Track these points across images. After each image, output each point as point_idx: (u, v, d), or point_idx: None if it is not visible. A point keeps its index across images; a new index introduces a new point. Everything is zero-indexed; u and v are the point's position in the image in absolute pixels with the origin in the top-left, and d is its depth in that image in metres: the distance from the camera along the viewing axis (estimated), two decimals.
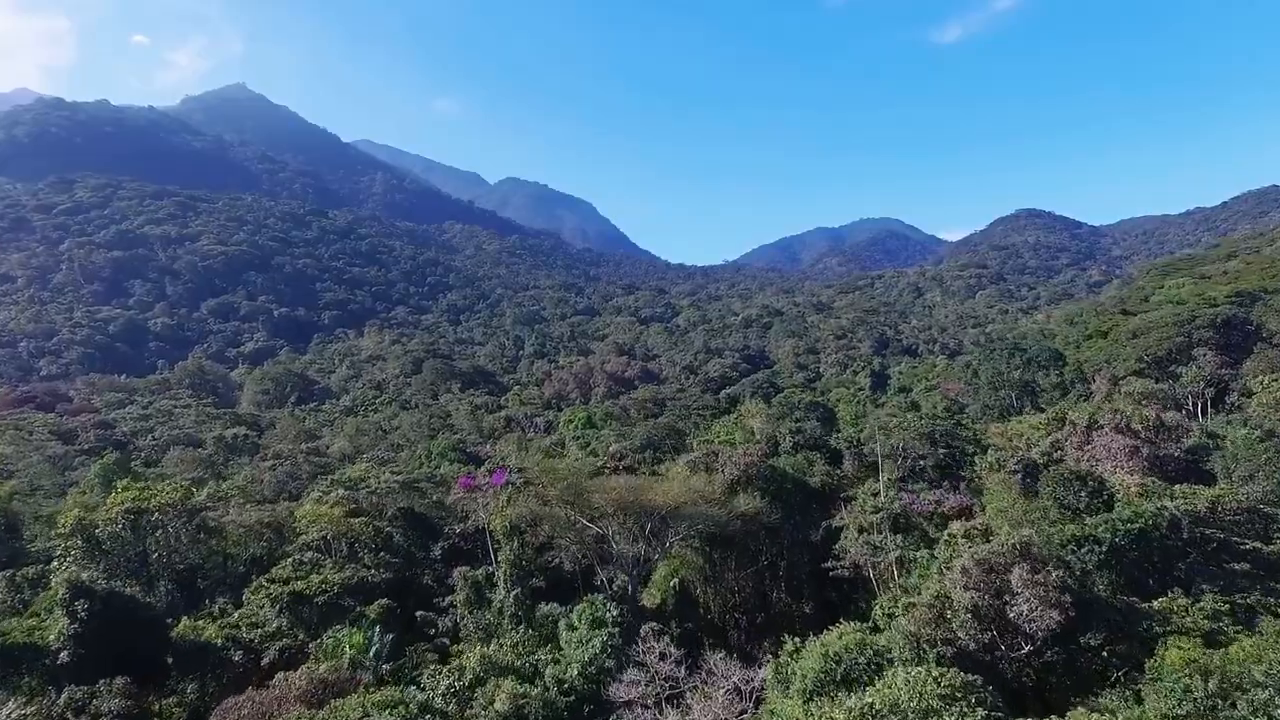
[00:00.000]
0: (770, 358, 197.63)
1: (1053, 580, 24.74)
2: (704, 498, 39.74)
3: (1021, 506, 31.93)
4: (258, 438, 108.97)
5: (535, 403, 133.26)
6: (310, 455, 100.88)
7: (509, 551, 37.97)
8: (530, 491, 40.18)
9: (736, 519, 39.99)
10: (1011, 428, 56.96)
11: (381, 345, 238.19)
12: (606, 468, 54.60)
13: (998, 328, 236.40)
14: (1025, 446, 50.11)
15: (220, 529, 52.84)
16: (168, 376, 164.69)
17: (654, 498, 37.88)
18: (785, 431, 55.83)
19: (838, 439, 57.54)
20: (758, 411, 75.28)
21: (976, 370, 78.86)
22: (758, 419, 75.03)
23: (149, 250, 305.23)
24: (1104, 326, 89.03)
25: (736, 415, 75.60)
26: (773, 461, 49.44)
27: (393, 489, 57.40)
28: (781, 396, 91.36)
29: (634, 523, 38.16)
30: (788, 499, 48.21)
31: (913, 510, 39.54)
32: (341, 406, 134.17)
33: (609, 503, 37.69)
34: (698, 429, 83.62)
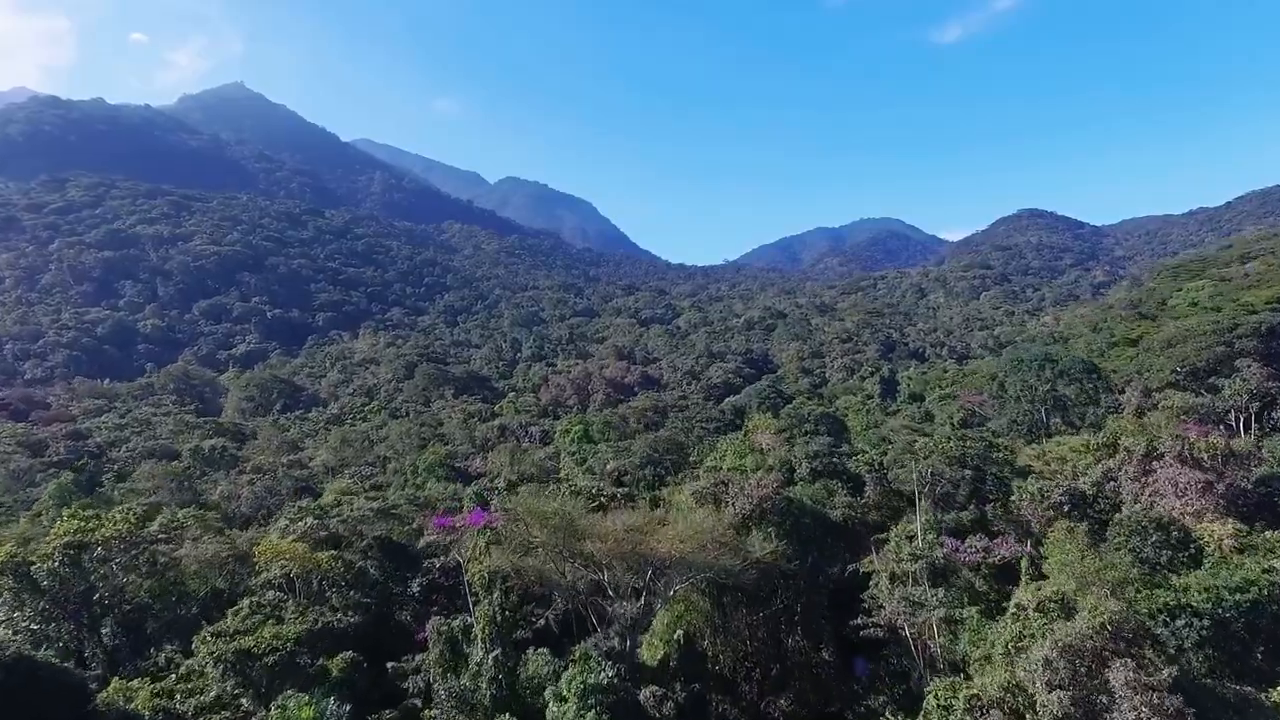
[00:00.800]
0: (774, 361, 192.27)
1: (1163, 681, 19.50)
2: (714, 540, 34.44)
3: (1093, 563, 26.75)
4: (237, 449, 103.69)
5: (531, 411, 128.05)
6: (292, 468, 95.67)
7: (488, 607, 32.73)
8: (514, 534, 34.92)
9: (751, 568, 34.74)
10: (1050, 450, 51.68)
11: (376, 348, 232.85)
12: (603, 494, 49.25)
13: (1005, 330, 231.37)
14: (1072, 474, 44.83)
15: (175, 563, 47.54)
16: (151, 381, 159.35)
17: (656, 545, 32.62)
18: (801, 456, 50.54)
19: (858, 462, 52.18)
20: (766, 426, 70.01)
21: (1003, 382, 73.60)
22: (767, 434, 69.76)
23: (140, 250, 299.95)
24: (1132, 333, 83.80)
25: (744, 431, 70.25)
26: (789, 492, 44.11)
27: (367, 517, 52.05)
28: (790, 408, 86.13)
29: (633, 574, 33.01)
30: (806, 534, 42.95)
31: (957, 560, 34.26)
32: (328, 415, 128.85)
33: (604, 553, 32.45)
34: (701, 443, 78.34)
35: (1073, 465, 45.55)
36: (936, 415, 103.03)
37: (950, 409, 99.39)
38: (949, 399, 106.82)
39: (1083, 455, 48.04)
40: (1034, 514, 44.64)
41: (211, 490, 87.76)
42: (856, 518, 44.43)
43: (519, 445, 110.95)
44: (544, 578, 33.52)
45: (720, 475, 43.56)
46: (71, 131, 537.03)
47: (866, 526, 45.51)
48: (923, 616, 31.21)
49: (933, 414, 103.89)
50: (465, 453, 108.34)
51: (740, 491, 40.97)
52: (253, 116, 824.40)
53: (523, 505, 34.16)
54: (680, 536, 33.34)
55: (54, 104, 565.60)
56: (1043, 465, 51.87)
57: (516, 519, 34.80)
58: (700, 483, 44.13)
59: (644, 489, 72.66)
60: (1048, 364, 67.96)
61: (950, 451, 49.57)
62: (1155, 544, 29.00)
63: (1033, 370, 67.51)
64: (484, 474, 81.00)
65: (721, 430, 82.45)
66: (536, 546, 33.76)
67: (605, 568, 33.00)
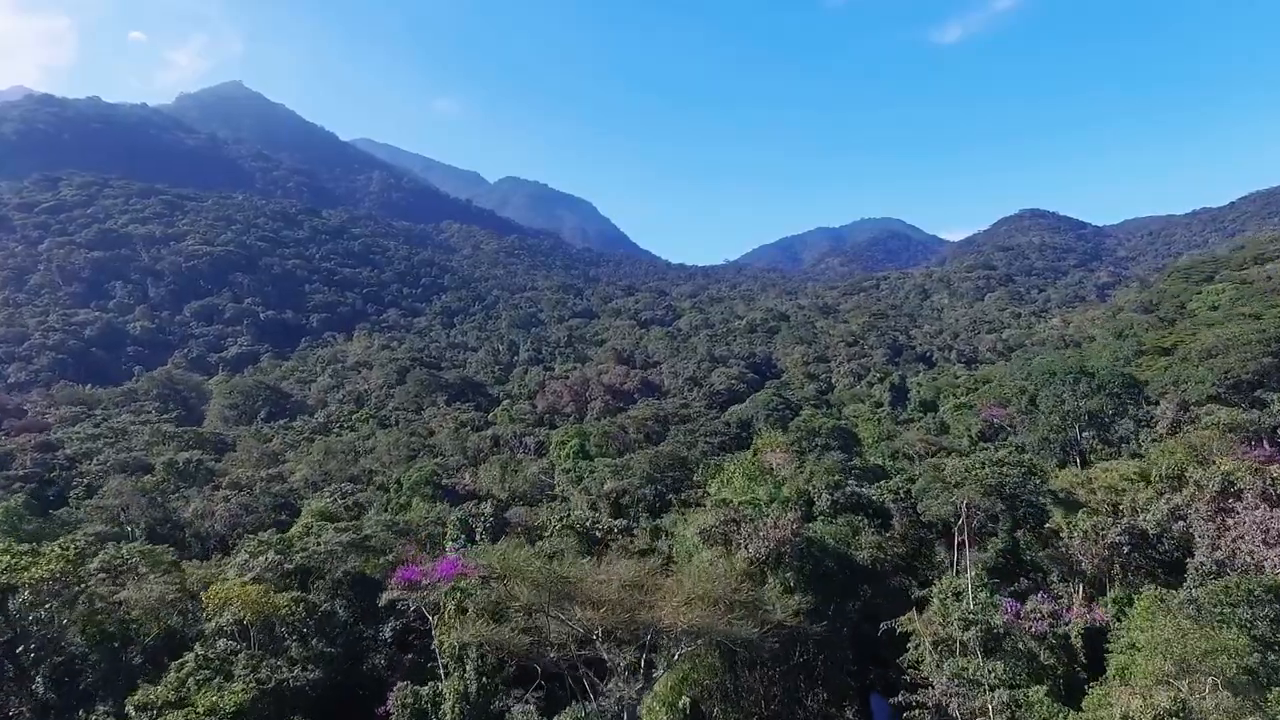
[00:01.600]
0: (777, 365, 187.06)
1: None
2: (725, 598, 29.18)
3: (1198, 643, 21.54)
4: (216, 461, 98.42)
5: (526, 419, 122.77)
6: (272, 483, 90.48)
7: (458, 682, 27.51)
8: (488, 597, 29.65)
9: (770, 633, 29.50)
10: (1098, 477, 46.33)
11: (370, 350, 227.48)
12: (598, 528, 43.92)
13: (1013, 333, 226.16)
14: (1130, 510, 39.54)
15: (114, 608, 42.26)
16: (134, 387, 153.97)
17: (658, 612, 27.37)
18: (821, 486, 45.25)
19: (881, 490, 46.86)
20: (776, 444, 64.78)
21: (1034, 396, 68.30)
22: (777, 453, 64.53)
23: (132, 250, 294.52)
24: (1164, 341, 78.48)
25: (753, 449, 64.97)
26: (809, 529, 38.81)
27: (335, 551, 46.75)
28: (800, 421, 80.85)
29: (632, 642, 27.84)
30: (828, 579, 37.69)
31: (1019, 628, 28.98)
32: (314, 424, 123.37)
33: (596, 620, 27.21)
34: (706, 461, 73.04)
35: (1131, 499, 40.22)
36: (952, 426, 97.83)
37: (967, 419, 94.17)
38: (965, 409, 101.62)
39: (1137, 485, 42.73)
40: (1086, 554, 39.40)
41: (184, 508, 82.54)
42: (885, 559, 39.11)
43: (512, 457, 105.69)
44: (524, 649, 28.25)
45: (730, 511, 38.30)
46: (66, 130, 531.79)
47: (895, 568, 40.20)
48: (980, 700, 25.95)
49: (948, 425, 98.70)
50: (456, 464, 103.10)
51: (754, 532, 35.67)
52: (251, 116, 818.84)
53: (501, 562, 28.93)
54: (687, 596, 28.07)
55: (48, 102, 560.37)
56: (1088, 494, 46.55)
57: (494, 575, 29.50)
58: (709, 519, 38.80)
59: (644, 511, 67.49)
60: (1083, 377, 62.67)
61: (985, 479, 44.26)
62: (1270, 618, 23.78)
63: (1067, 384, 62.22)
64: (474, 493, 75.70)
65: (727, 445, 77.17)
66: (517, 611, 28.54)
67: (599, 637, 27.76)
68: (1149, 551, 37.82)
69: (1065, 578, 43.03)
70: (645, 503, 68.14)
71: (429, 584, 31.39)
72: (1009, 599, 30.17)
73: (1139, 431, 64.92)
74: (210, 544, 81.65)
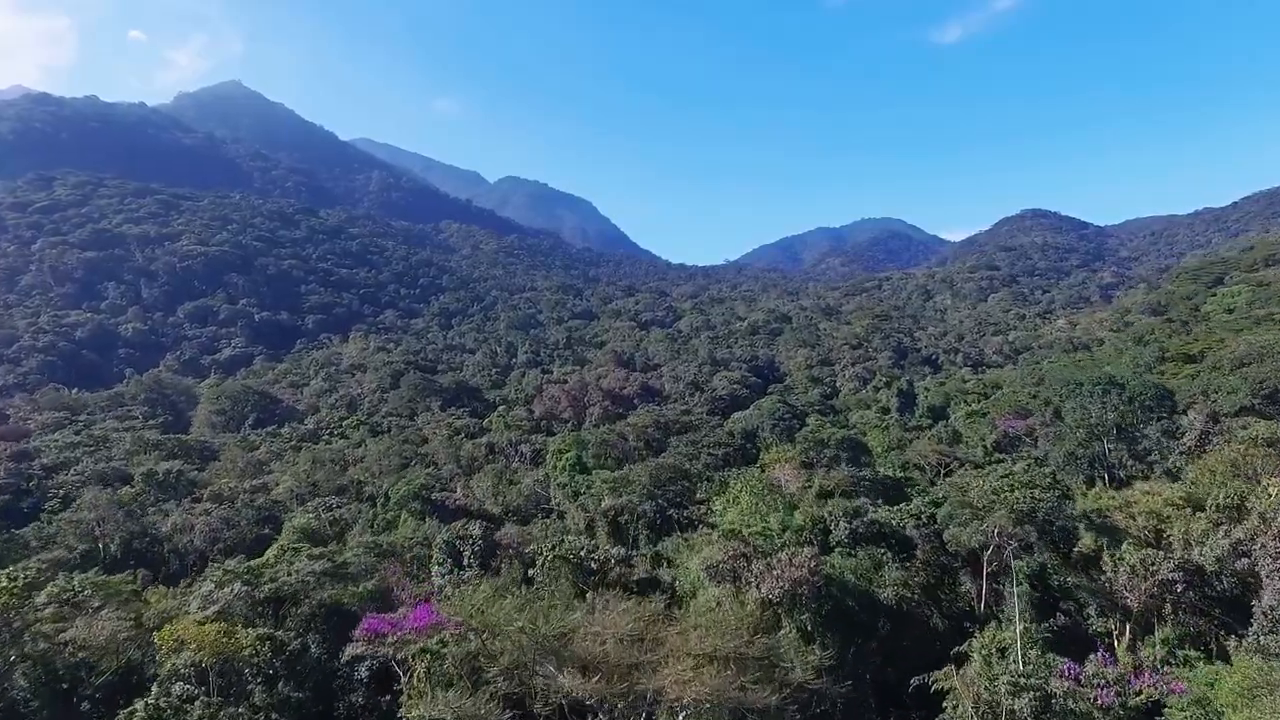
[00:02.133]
0: (780, 368, 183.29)
1: None
2: (736, 655, 25.45)
3: None
4: (199, 470, 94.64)
5: (523, 426, 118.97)
6: (256, 495, 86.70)
7: None
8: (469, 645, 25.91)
9: (789, 697, 25.74)
10: (1139, 501, 42.57)
11: (365, 353, 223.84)
12: (593, 558, 40.12)
13: (1020, 336, 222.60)
14: (1181, 541, 35.76)
15: (58, 649, 38.53)
16: (122, 391, 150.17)
17: (660, 674, 23.65)
18: (838, 514, 41.43)
19: (902, 515, 43.09)
20: (785, 458, 61.05)
21: (1059, 408, 64.55)
22: (787, 468, 60.81)
23: (125, 250, 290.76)
24: (1190, 348, 74.72)
25: (760, 465, 61.22)
26: (827, 564, 35.04)
27: (307, 582, 42.98)
28: (807, 431, 77.09)
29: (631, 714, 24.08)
30: (849, 620, 33.93)
31: (1080, 695, 25.19)
32: (303, 431, 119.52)
33: (589, 690, 23.49)
34: (710, 476, 69.26)
35: (1182, 530, 36.41)
36: (965, 435, 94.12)
37: (981, 429, 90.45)
38: (978, 417, 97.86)
39: (1184, 512, 38.95)
40: (1134, 590, 35.63)
41: (163, 522, 78.81)
42: (911, 599, 35.35)
43: (507, 466, 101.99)
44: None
45: (739, 545, 34.57)
46: (63, 129, 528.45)
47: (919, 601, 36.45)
48: None
49: (961, 434, 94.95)
50: (449, 474, 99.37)
51: (767, 570, 31.88)
52: (250, 115, 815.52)
53: (479, 618, 25.21)
54: (694, 656, 24.32)
55: (45, 101, 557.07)
56: (1127, 519, 42.79)
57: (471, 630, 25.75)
58: (715, 553, 35.01)
59: (644, 529, 63.82)
60: (1114, 389, 58.91)
61: (1017, 504, 40.50)
62: None
63: (1095, 395, 58.50)
64: (465, 508, 71.90)
65: (731, 458, 73.46)
66: (498, 675, 24.83)
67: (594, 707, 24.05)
68: (1204, 589, 34.11)
69: (1104, 611, 39.32)
70: (646, 519, 64.40)
71: (398, 638, 27.65)
72: (1067, 661, 26.40)
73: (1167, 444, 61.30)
74: (189, 560, 77.94)
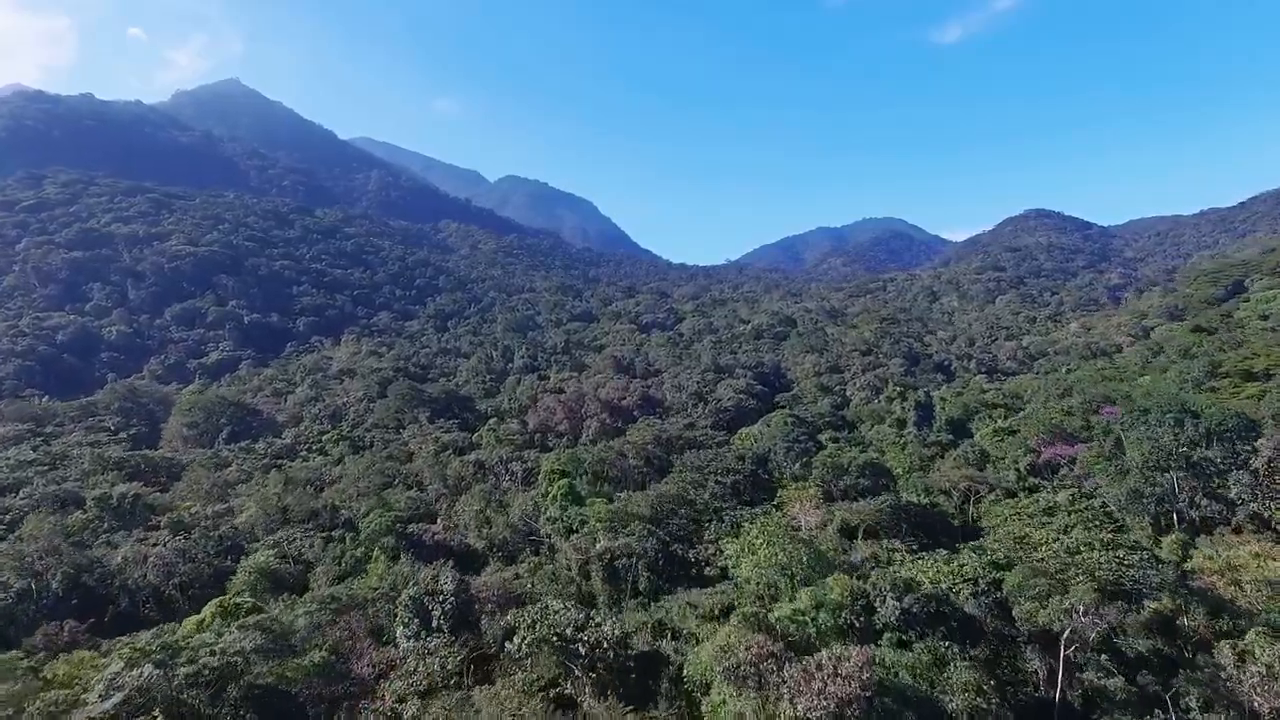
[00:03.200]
0: (787, 375, 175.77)
1: None
2: None
3: None
4: (161, 492, 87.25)
5: (515, 440, 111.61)
6: (219, 520, 79.36)
7: None
8: None
9: None
10: (1245, 565, 35.06)
11: (356, 357, 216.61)
12: (580, 639, 32.64)
13: (1034, 341, 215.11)
14: None
15: None
16: (94, 400, 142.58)
17: None
18: (883, 587, 33.92)
19: (955, 579, 35.56)
20: (804, 495, 53.62)
21: (1120, 438, 57.05)
22: (806, 506, 53.35)
23: (113, 250, 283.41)
24: (1252, 364, 67.17)
25: (777, 501, 53.78)
26: (877, 660, 27.57)
27: (235, 663, 35.54)
28: (824, 456, 69.63)
29: None
30: None
31: None
32: (280, 446, 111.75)
33: None
34: (718, 509, 61.77)
35: None
36: (993, 456, 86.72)
37: (1013, 451, 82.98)
38: (1006, 435, 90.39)
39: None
40: (1265, 694, 28.16)
41: (113, 554, 71.49)
42: (987, 710, 27.87)
43: (496, 486, 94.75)
44: None
45: (765, 640, 27.19)
46: (56, 127, 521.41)
47: (999, 712, 28.96)
48: None
49: (988, 454, 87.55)
50: (435, 494, 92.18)
51: (804, 678, 24.43)
52: (248, 113, 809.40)
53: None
54: None
55: (39, 99, 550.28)
56: (1230, 587, 35.28)
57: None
58: (735, 646, 27.55)
59: (645, 570, 56.36)
60: (1188, 418, 51.37)
61: (1097, 569, 33.06)
62: None
63: (1166, 426, 50.95)
64: (444, 544, 64.46)
65: (741, 486, 65.99)
66: None
67: None
68: None
69: (1212, 705, 31.85)
70: (647, 560, 57.00)
71: None
72: None
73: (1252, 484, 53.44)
74: (141, 597, 70.65)
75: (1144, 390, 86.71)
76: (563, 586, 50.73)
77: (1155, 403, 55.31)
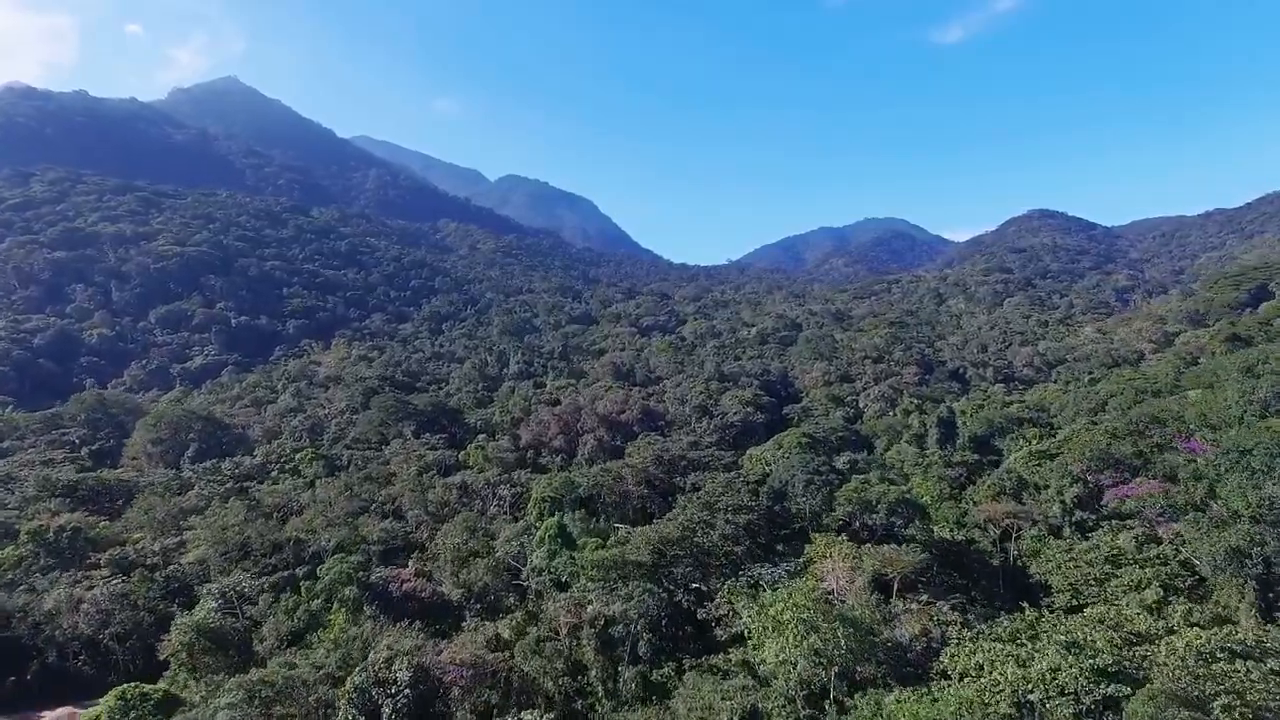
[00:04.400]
0: (795, 384, 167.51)
1: None
2: None
3: None
4: (110, 521, 79.02)
5: (505, 457, 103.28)
6: (170, 556, 71.10)
7: None
8: None
9: None
10: None
11: (345, 362, 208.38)
12: None
13: (1050, 347, 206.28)
14: None
15: None
16: (60, 411, 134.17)
17: None
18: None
19: (1053, 701, 27.27)
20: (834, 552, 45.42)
21: (1214, 484, 48.83)
22: (839, 564, 45.13)
23: (98, 250, 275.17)
24: None
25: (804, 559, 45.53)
26: None
27: None
28: (849, 491, 61.34)
29: None
30: None
31: None
32: (248, 466, 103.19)
33: None
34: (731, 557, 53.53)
35: None
36: (1030, 482, 78.44)
37: (1055, 478, 74.68)
38: (1043, 459, 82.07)
39: None
40: None
41: (43, 599, 63.27)
42: None
43: (483, 513, 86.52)
44: None
45: None
46: (48, 124, 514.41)
47: None
48: None
49: (1025, 480, 79.22)
50: (415, 521, 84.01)
51: None
52: (245, 111, 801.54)
53: None
54: None
55: (30, 95, 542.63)
56: None
57: None
58: None
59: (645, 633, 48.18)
60: None
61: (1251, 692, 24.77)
62: None
63: (1264, 459, 42.80)
64: (413, 594, 56.11)
65: (756, 527, 57.64)
66: None
67: None
68: None
69: None
70: (648, 619, 48.81)
71: None
72: None
73: None
74: (72, 650, 62.42)
75: (1198, 411, 78.42)
76: (548, 661, 42.63)
77: (1258, 443, 46.96)
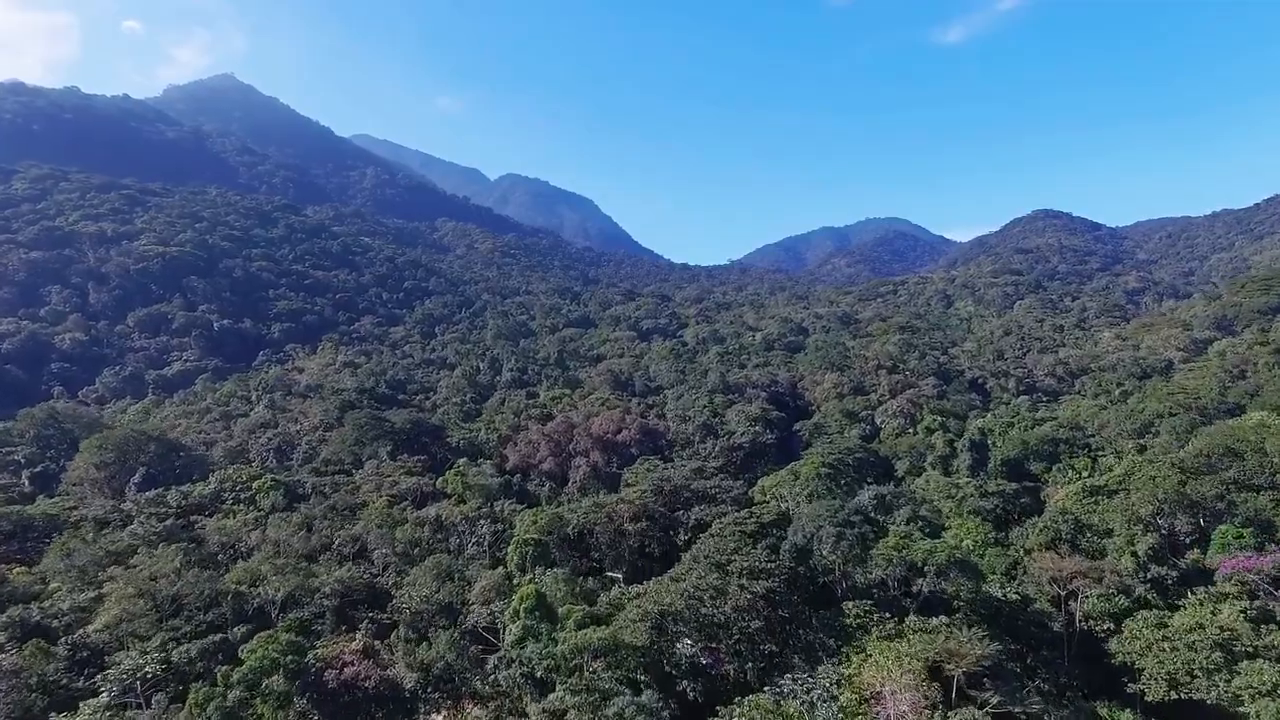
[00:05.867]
0: (804, 395, 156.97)
1: None
2: None
3: None
4: (27, 570, 68.55)
5: (488, 484, 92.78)
6: (81, 617, 60.52)
7: None
8: None
9: None
10: None
11: (329, 369, 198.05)
12: None
13: (1072, 354, 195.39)
14: None
15: None
16: (8, 427, 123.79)
17: None
18: None
19: None
20: (885, 659, 34.90)
21: None
22: (892, 677, 34.57)
23: (77, 250, 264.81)
24: None
25: (848, 671, 34.97)
26: None
27: None
28: (888, 549, 50.74)
29: None
30: None
31: None
32: (198, 497, 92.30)
33: None
34: (749, 633, 43.06)
35: None
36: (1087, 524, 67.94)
37: (1117, 521, 64.20)
38: (1099, 494, 71.64)
39: None
40: None
41: None
42: None
43: (459, 553, 76.21)
44: None
45: None
46: (35, 120, 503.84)
47: None
48: None
49: (1080, 521, 68.68)
50: (383, 562, 73.75)
51: None
52: (241, 108, 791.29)
53: None
54: None
55: (18, 91, 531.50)
56: None
57: None
58: None
59: None
60: None
61: None
62: None
63: None
64: (354, 682, 45.54)
65: (778, 596, 47.11)
66: None
67: None
68: None
69: None
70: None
71: None
72: None
73: None
74: None
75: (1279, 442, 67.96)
76: None
77: None
